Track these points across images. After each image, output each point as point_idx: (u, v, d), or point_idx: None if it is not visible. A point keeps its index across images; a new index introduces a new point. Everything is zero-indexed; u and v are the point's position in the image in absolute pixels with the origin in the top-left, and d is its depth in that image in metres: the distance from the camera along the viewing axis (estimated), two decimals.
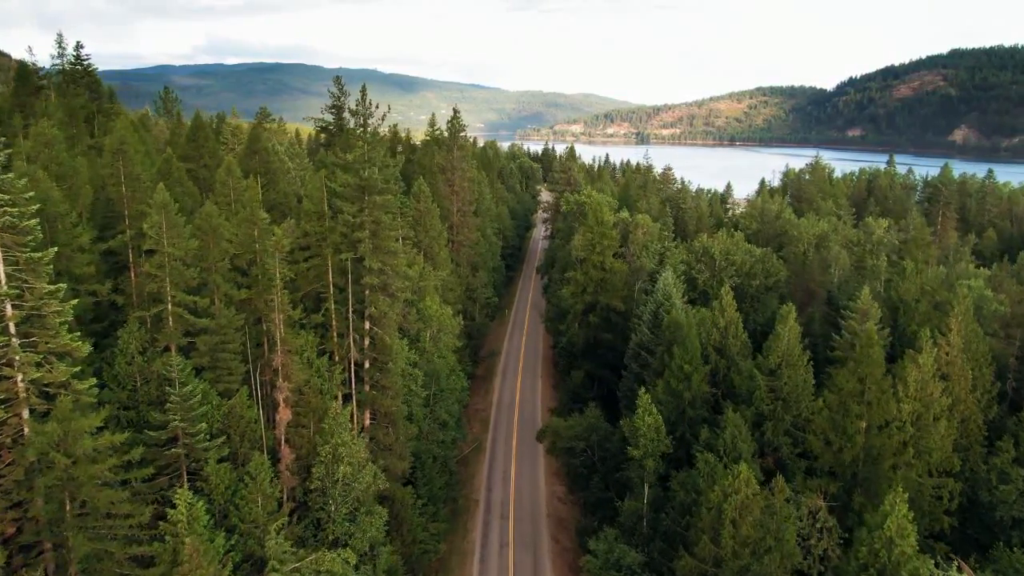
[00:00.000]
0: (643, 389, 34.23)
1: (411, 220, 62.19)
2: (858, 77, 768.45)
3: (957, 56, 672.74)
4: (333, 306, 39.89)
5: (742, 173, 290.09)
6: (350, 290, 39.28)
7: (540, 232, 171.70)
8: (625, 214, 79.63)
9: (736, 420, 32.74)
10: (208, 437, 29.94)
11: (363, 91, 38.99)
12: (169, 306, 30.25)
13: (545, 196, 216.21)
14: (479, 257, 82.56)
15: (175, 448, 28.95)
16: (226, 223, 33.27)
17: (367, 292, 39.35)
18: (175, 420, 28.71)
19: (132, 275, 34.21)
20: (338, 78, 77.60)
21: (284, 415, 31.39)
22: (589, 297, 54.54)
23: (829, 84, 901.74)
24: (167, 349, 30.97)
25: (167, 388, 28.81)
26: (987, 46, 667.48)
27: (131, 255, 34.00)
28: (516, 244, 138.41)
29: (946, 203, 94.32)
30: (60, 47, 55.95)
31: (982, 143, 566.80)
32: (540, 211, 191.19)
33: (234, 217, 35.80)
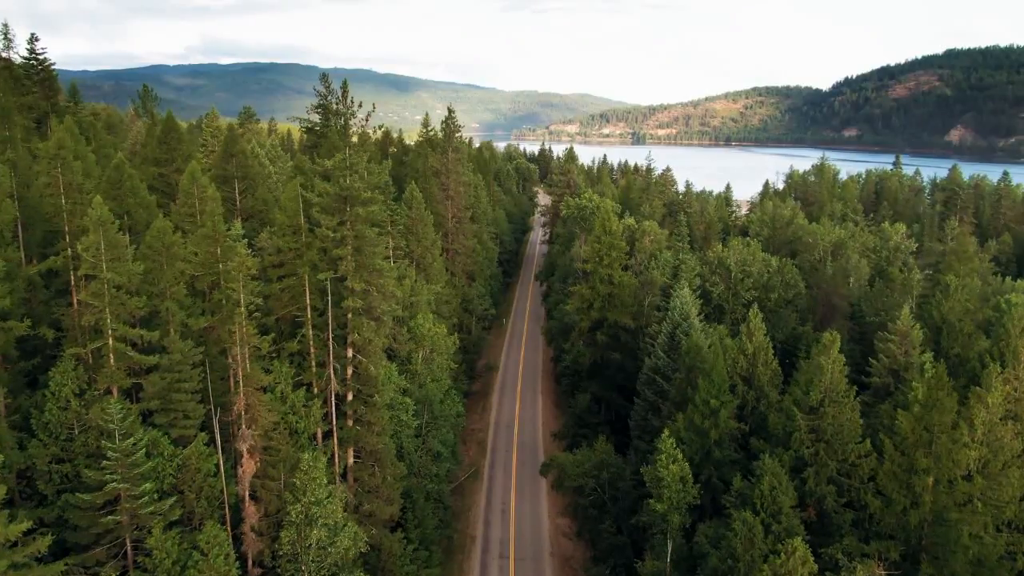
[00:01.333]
0: (666, 432, 29.69)
1: (402, 229, 57.55)
2: (854, 77, 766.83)
3: (952, 56, 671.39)
4: (311, 332, 35.17)
5: (740, 173, 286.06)
6: (330, 313, 34.56)
7: (538, 235, 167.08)
8: (630, 220, 75.19)
9: (774, 468, 28.25)
10: (156, 496, 25.23)
11: (344, 88, 34.41)
12: (110, 341, 25.51)
13: (542, 198, 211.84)
14: (476, 266, 77.96)
15: (114, 514, 24.22)
16: (180, 240, 28.54)
17: (349, 316, 34.65)
18: (113, 480, 23.98)
19: (74, 301, 29.44)
20: (324, 75, 72.92)
21: (248, 467, 26.69)
22: (596, 313, 49.98)
23: (825, 84, 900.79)
24: (108, 392, 26.21)
25: (104, 442, 24.08)
26: (982, 46, 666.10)
27: (72, 278, 29.24)
28: (513, 249, 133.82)
29: (963, 207, 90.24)
30: (6, 38, 50.52)
31: (978, 143, 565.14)
32: (538, 213, 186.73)
33: (197, 231, 31.06)
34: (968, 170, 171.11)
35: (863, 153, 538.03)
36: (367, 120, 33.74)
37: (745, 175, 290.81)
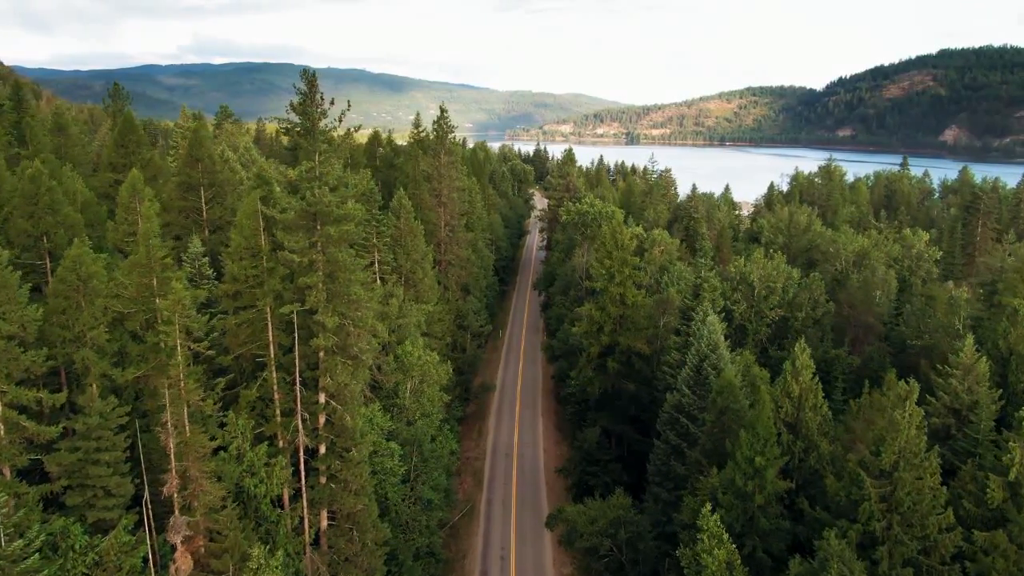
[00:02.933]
0: (706, 509, 24.15)
1: (389, 241, 51.80)
2: (848, 77, 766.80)
3: (946, 56, 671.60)
4: (275, 374, 29.43)
5: (737, 174, 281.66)
6: (297, 353, 28.86)
7: (535, 239, 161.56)
8: (638, 228, 69.68)
9: (842, 551, 22.79)
10: None
11: (312, 80, 28.78)
12: None
13: (539, 201, 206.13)
14: (471, 277, 72.21)
15: None
16: (102, 271, 22.78)
17: (321, 355, 28.96)
18: None
19: None
20: (306, 70, 67.08)
21: (183, 564, 20.94)
22: (606, 338, 44.42)
23: (819, 84, 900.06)
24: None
25: None
26: (976, 46, 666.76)
27: None
28: (510, 255, 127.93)
29: (986, 212, 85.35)
30: None
31: (973, 143, 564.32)
32: (534, 216, 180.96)
33: (131, 256, 25.27)
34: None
35: (858, 153, 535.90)
36: (341, 120, 28.08)
37: (742, 176, 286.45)
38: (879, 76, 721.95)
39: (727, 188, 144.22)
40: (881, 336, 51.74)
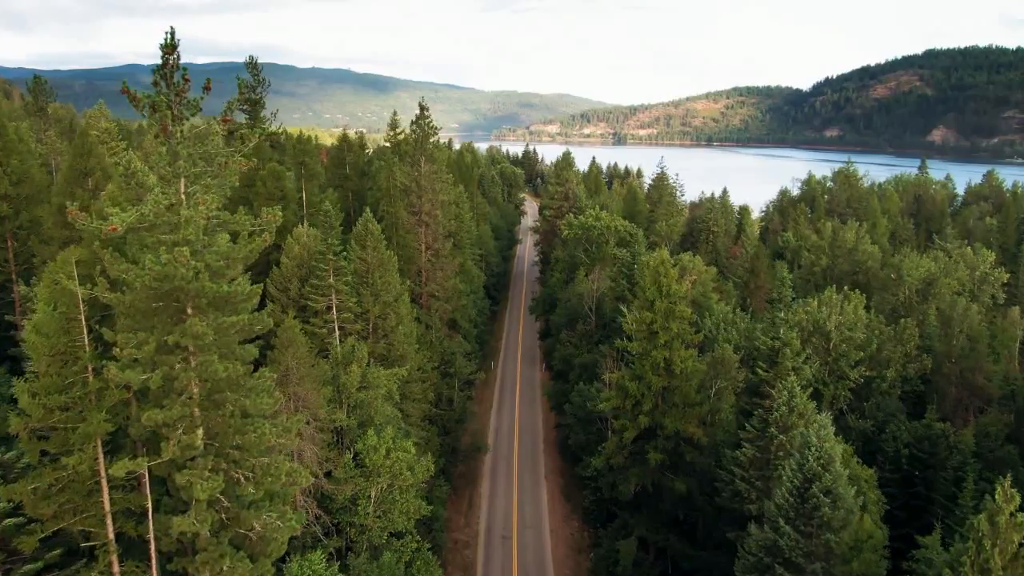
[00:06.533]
0: None
1: (351, 281, 39.11)
2: (834, 77, 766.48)
3: (932, 56, 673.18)
4: (117, 567, 16.76)
5: (728, 175, 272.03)
6: (151, 531, 16.26)
7: (527, 247, 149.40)
8: (663, 252, 57.46)
9: None
10: None
11: (170, 46, 16.38)
12: None
13: (530, 205, 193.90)
14: (459, 310, 59.65)
15: None
16: None
17: (200, 538, 16.40)
18: None
19: None
20: (251, 58, 54.89)
21: None
22: (646, 418, 32.21)
23: (805, 84, 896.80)
24: None
25: None
26: (961, 47, 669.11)
27: None
28: (501, 269, 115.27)
29: None
30: None
31: (961, 143, 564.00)
32: (524, 222, 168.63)
33: None
34: (955, 170, 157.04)
35: (846, 153, 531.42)
36: (224, 122, 15.65)
37: (734, 177, 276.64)
38: (866, 76, 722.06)
39: (725, 191, 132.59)
40: (985, 398, 40.14)
